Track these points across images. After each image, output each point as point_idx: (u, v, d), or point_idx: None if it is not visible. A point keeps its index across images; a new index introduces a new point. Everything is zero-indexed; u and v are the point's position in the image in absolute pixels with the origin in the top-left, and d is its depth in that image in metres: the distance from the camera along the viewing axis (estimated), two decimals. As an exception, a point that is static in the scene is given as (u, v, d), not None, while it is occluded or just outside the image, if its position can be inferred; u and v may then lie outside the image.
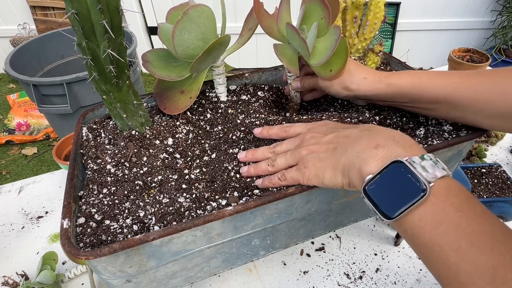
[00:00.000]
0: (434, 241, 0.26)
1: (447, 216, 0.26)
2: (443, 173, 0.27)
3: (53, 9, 2.28)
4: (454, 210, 0.26)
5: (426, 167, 0.28)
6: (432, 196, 0.27)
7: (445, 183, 0.27)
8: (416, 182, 0.27)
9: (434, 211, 0.26)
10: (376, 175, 0.29)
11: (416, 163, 0.28)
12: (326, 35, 0.46)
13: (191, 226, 0.34)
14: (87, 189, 0.41)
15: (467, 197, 0.27)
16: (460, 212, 0.26)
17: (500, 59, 2.06)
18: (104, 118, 0.51)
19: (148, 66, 0.48)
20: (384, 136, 0.32)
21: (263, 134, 0.45)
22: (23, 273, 0.55)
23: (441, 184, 0.27)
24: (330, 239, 0.64)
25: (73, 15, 0.34)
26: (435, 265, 0.26)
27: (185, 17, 0.41)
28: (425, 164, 0.28)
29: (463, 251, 0.24)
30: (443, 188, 0.27)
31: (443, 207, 0.26)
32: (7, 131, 1.89)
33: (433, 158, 0.29)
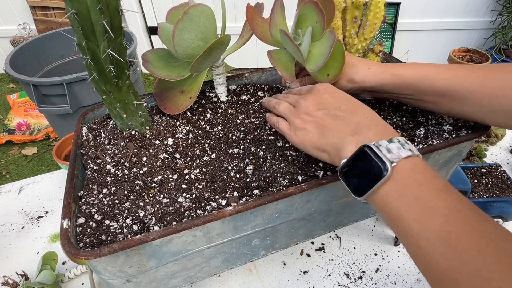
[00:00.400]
0: (399, 213, 0.29)
1: (410, 191, 0.29)
2: (408, 153, 0.30)
3: (53, 9, 2.28)
4: (416, 185, 0.29)
5: (391, 149, 0.31)
6: (396, 174, 0.30)
7: (410, 162, 0.30)
8: (380, 162, 0.30)
9: (398, 187, 0.29)
10: (349, 159, 0.33)
11: (382, 146, 0.31)
12: (321, 40, 0.46)
13: (191, 226, 0.34)
14: (87, 189, 0.41)
15: (431, 174, 0.30)
16: (422, 187, 0.29)
17: (500, 59, 2.06)
18: (104, 118, 0.51)
19: (148, 66, 0.48)
20: (362, 123, 0.36)
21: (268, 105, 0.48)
22: (23, 273, 0.55)
23: (405, 163, 0.30)
24: (330, 239, 0.64)
25: (73, 15, 0.34)
26: (403, 236, 0.29)
27: (185, 17, 0.41)
28: (391, 146, 0.31)
29: (423, 220, 0.27)
30: (407, 166, 0.30)
31: (406, 183, 0.29)
32: (7, 131, 1.89)
33: (401, 141, 0.32)
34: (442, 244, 0.26)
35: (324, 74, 0.47)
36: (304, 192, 0.38)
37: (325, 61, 0.43)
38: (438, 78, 0.42)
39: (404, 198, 0.29)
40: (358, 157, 0.32)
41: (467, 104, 0.41)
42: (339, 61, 0.45)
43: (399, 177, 0.30)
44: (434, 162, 0.46)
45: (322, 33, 0.45)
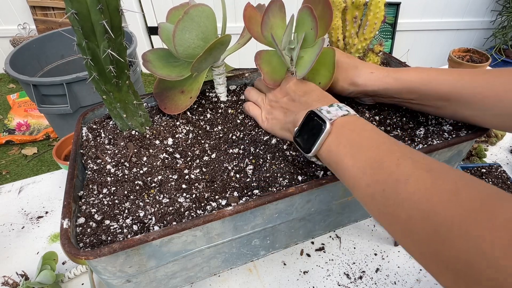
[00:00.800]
0: (338, 158, 0.34)
1: (344, 137, 0.34)
2: (345, 112, 0.36)
3: (53, 9, 2.28)
4: (349, 132, 0.34)
5: (330, 111, 0.36)
6: (334, 128, 0.35)
7: (346, 118, 0.36)
8: (321, 121, 0.35)
9: (335, 137, 0.35)
10: (299, 125, 0.39)
11: (323, 110, 0.37)
12: (314, 47, 0.45)
13: (191, 226, 0.34)
14: (87, 189, 0.41)
15: (362, 122, 0.36)
16: (354, 132, 0.34)
17: (500, 59, 2.06)
18: (104, 118, 0.51)
19: (149, 65, 0.48)
20: (312, 99, 0.41)
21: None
22: (23, 273, 0.55)
23: (342, 120, 0.35)
24: (330, 239, 0.64)
25: (73, 15, 0.34)
26: (343, 176, 0.34)
27: (186, 17, 0.41)
28: (330, 109, 0.37)
29: (355, 155, 0.33)
30: (342, 121, 0.35)
31: (341, 132, 0.35)
32: (7, 131, 1.89)
33: (340, 105, 0.37)
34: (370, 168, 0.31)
35: (315, 82, 0.47)
36: (304, 192, 0.38)
37: (310, 67, 0.43)
38: (442, 82, 0.42)
39: (340, 143, 0.34)
40: (305, 122, 0.38)
41: (471, 109, 0.41)
42: (330, 70, 0.45)
43: (336, 129, 0.35)
44: (434, 162, 0.46)
45: (315, 40, 0.45)
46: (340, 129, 0.35)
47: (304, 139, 0.38)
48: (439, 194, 0.26)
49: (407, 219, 0.27)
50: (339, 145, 0.34)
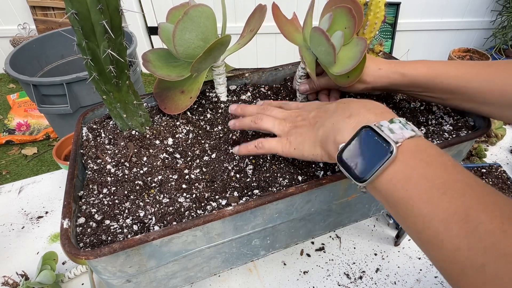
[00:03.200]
0: (406, 196, 0.26)
1: (416, 171, 0.27)
2: (412, 133, 0.29)
3: (53, 9, 2.28)
4: (423, 165, 0.27)
5: (393, 129, 0.29)
6: (401, 155, 0.28)
7: (414, 142, 0.28)
8: (384, 143, 0.28)
9: (403, 168, 0.27)
10: (348, 142, 0.30)
11: (384, 127, 0.29)
12: (349, 45, 0.46)
13: (191, 226, 0.34)
14: (87, 189, 0.41)
15: (437, 152, 0.28)
16: (430, 166, 0.27)
17: (500, 59, 2.06)
18: (104, 118, 0.51)
19: (149, 65, 0.48)
20: (357, 106, 0.33)
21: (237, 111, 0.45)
22: (23, 273, 0.55)
23: (410, 143, 0.28)
24: (330, 239, 0.64)
25: (73, 15, 0.34)
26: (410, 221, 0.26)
27: (185, 17, 0.41)
28: (393, 127, 0.29)
29: (435, 200, 0.25)
30: (412, 147, 0.28)
31: (412, 163, 0.27)
32: (7, 131, 1.89)
33: (402, 121, 0.30)
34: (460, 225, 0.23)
35: (344, 77, 0.47)
36: (304, 192, 0.38)
37: (354, 65, 0.43)
38: (448, 77, 0.43)
39: (411, 179, 0.27)
40: (358, 139, 0.30)
41: (477, 101, 0.42)
42: (361, 65, 0.46)
43: (404, 157, 0.28)
44: (434, 162, 0.46)
45: (350, 39, 0.46)
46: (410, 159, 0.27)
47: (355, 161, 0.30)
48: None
49: None
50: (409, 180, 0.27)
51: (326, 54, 0.44)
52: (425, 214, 0.25)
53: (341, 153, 0.31)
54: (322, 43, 0.43)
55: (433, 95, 0.45)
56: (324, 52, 0.44)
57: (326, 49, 0.43)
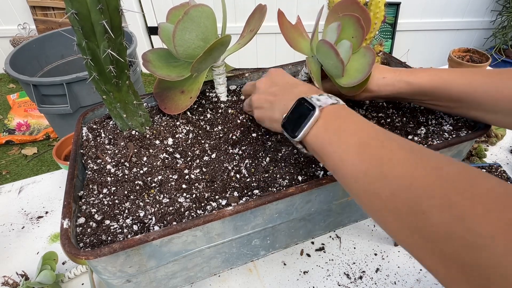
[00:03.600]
0: (324, 141, 0.34)
1: (332, 123, 0.35)
2: (334, 101, 0.37)
3: (53, 9, 2.28)
4: (337, 119, 0.35)
5: (320, 99, 0.37)
6: (323, 114, 0.35)
7: (334, 106, 0.36)
8: (310, 107, 0.36)
9: (323, 123, 0.35)
10: (288, 111, 0.38)
11: (314, 97, 0.37)
12: (356, 55, 0.46)
13: (191, 226, 0.34)
14: (87, 189, 0.41)
15: (350, 111, 0.36)
16: (341, 119, 0.35)
17: (500, 59, 2.06)
18: (104, 118, 0.51)
19: (149, 65, 0.48)
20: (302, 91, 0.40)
21: None
22: (23, 273, 0.55)
23: (331, 107, 0.36)
24: (330, 239, 0.64)
25: (73, 15, 0.34)
26: (328, 160, 0.34)
27: (186, 17, 0.41)
28: (320, 97, 0.37)
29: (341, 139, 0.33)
30: (331, 109, 0.36)
31: (330, 119, 0.35)
32: (7, 131, 1.89)
33: (330, 95, 0.38)
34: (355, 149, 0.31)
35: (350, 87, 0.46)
36: (304, 192, 0.38)
37: (363, 78, 0.43)
38: (454, 85, 0.42)
39: (328, 129, 0.34)
40: (295, 108, 0.38)
41: (483, 110, 0.42)
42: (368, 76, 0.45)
43: (324, 116, 0.35)
44: (434, 162, 0.46)
45: (357, 48, 0.45)
46: (329, 116, 0.35)
47: (292, 124, 0.38)
48: (421, 169, 0.26)
49: (389, 195, 0.27)
50: (327, 131, 0.35)
51: (335, 67, 0.44)
52: (335, 150, 0.33)
53: (283, 120, 0.39)
54: (330, 57, 0.43)
55: (440, 103, 0.45)
56: (332, 66, 0.44)
57: (334, 63, 0.43)
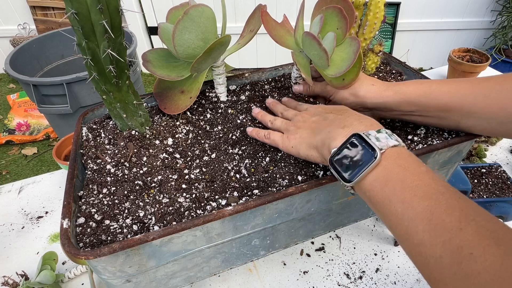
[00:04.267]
0: (384, 196, 0.30)
1: (395, 175, 0.30)
2: (395, 143, 0.32)
3: (53, 9, 2.28)
4: (401, 170, 0.30)
5: (379, 138, 0.32)
6: (384, 160, 0.31)
7: (396, 150, 0.32)
8: (370, 149, 0.32)
9: (384, 172, 0.31)
10: (339, 147, 0.34)
11: (372, 135, 0.33)
12: (342, 46, 0.46)
13: (191, 226, 0.34)
14: (87, 189, 0.41)
15: (415, 160, 0.32)
16: (406, 171, 0.30)
17: (500, 59, 2.06)
18: (104, 118, 0.51)
19: (149, 65, 0.48)
20: (351, 119, 0.37)
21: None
22: (23, 273, 0.55)
23: (392, 151, 0.32)
24: (330, 239, 0.64)
25: (73, 15, 0.34)
26: (387, 218, 0.30)
27: (185, 17, 0.41)
28: (379, 136, 0.33)
29: (407, 200, 0.28)
30: (393, 154, 0.32)
31: (392, 167, 0.31)
32: (7, 131, 1.89)
33: (388, 132, 0.34)
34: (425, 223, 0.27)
35: (339, 79, 0.47)
36: (304, 192, 0.38)
37: (349, 67, 0.43)
38: (441, 92, 0.41)
39: (389, 181, 0.30)
40: (348, 145, 0.33)
41: (474, 118, 0.40)
42: (356, 66, 0.45)
43: (386, 163, 0.31)
44: (434, 162, 0.46)
45: (342, 39, 0.45)
46: (391, 164, 0.31)
47: (344, 165, 0.33)
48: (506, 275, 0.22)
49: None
50: (388, 182, 0.30)
51: (319, 58, 0.44)
52: (398, 212, 0.29)
53: (333, 156, 0.34)
54: (314, 47, 0.43)
55: (429, 114, 0.43)
56: (317, 56, 0.44)
57: (318, 53, 0.43)
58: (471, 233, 0.24)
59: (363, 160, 0.32)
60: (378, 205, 0.31)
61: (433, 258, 0.25)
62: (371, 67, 0.56)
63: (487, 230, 0.24)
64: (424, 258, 0.26)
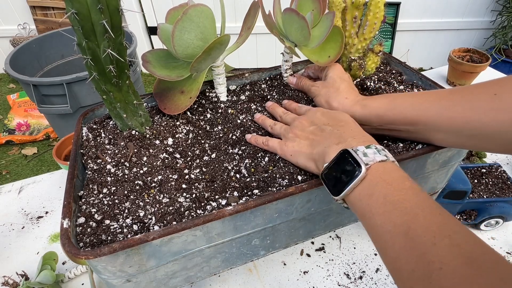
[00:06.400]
0: (367, 209, 0.31)
1: (378, 189, 0.31)
2: (383, 158, 0.33)
3: (53, 9, 2.28)
4: (385, 184, 0.31)
5: (367, 154, 0.33)
6: (369, 175, 0.32)
7: (382, 165, 0.33)
8: (356, 164, 0.32)
9: (368, 186, 0.32)
10: (329, 162, 0.35)
11: (360, 151, 0.33)
12: (319, 24, 0.49)
13: (191, 225, 0.34)
14: (87, 189, 0.41)
15: (399, 175, 0.32)
16: (390, 186, 0.31)
17: (500, 59, 2.06)
18: (104, 118, 0.51)
19: (148, 66, 0.48)
20: (347, 135, 0.38)
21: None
22: (23, 273, 0.55)
23: (379, 166, 0.32)
24: (330, 239, 0.64)
25: (73, 15, 0.34)
26: (370, 230, 0.31)
27: (184, 17, 0.41)
28: (367, 151, 0.33)
29: (387, 214, 0.29)
30: (379, 169, 0.32)
31: (376, 182, 0.32)
32: (7, 131, 1.89)
33: (378, 148, 0.34)
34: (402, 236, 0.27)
35: (325, 57, 0.50)
36: (304, 192, 0.38)
37: (327, 34, 0.46)
38: (405, 106, 0.40)
39: (373, 195, 0.31)
40: (338, 161, 0.34)
41: (441, 131, 0.39)
42: (338, 40, 0.49)
43: (371, 177, 0.32)
44: (434, 162, 0.46)
45: (319, 19, 0.49)
46: (375, 178, 0.32)
47: (333, 179, 0.34)
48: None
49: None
50: (371, 196, 0.31)
51: (301, 29, 0.46)
52: (377, 225, 0.30)
53: (324, 171, 0.36)
54: (294, 20, 0.46)
55: (398, 128, 0.42)
56: (299, 29, 0.47)
57: (299, 24, 0.46)
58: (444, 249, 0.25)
59: (349, 175, 0.33)
60: (363, 218, 0.32)
61: (406, 271, 0.26)
62: (371, 67, 0.56)
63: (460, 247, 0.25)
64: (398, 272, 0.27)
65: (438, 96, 0.39)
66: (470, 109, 0.35)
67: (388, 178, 0.32)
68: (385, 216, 0.29)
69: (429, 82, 0.53)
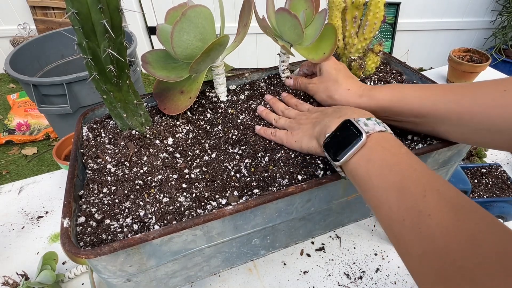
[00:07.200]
0: (366, 172, 0.33)
1: (377, 154, 0.33)
2: (382, 128, 0.35)
3: (53, 9, 2.28)
4: (383, 150, 0.33)
5: (368, 124, 0.35)
6: (369, 142, 0.34)
7: (381, 134, 0.35)
8: (357, 132, 0.34)
9: (368, 152, 0.34)
10: (332, 132, 0.37)
11: (361, 121, 0.36)
12: (312, 23, 0.50)
13: (191, 225, 0.34)
14: (87, 189, 0.41)
15: (397, 143, 0.34)
16: (387, 151, 0.33)
17: (500, 59, 2.06)
18: (104, 118, 0.51)
19: (148, 67, 0.48)
20: (347, 110, 0.40)
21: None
22: (23, 273, 0.55)
23: (378, 135, 0.35)
24: (330, 239, 0.64)
25: (73, 14, 0.34)
26: (366, 192, 0.33)
27: (183, 18, 0.41)
28: (368, 122, 0.36)
29: (383, 175, 0.32)
30: (378, 137, 0.34)
31: (375, 148, 0.34)
32: (7, 131, 1.89)
33: (378, 120, 0.36)
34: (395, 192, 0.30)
35: (320, 53, 0.51)
36: (304, 191, 0.38)
37: (320, 31, 0.47)
38: (413, 99, 0.41)
39: (371, 160, 0.33)
40: (339, 130, 0.37)
41: (447, 124, 0.39)
42: (332, 37, 0.50)
43: (370, 144, 0.34)
44: (434, 162, 0.46)
45: (312, 18, 0.50)
46: (374, 145, 0.34)
47: (335, 146, 0.36)
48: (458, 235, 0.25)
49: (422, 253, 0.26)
50: (370, 161, 0.33)
51: (294, 28, 0.47)
52: (374, 185, 0.32)
53: (325, 140, 0.38)
54: (287, 19, 0.47)
55: (404, 120, 0.43)
56: (292, 27, 0.48)
57: (292, 23, 0.46)
58: (433, 200, 0.28)
59: (351, 141, 0.34)
60: (360, 181, 0.34)
61: (398, 222, 0.29)
62: (371, 67, 0.56)
63: (447, 198, 0.28)
64: (390, 222, 0.30)
65: (446, 89, 0.40)
66: (477, 104, 0.36)
67: (386, 144, 0.34)
68: (381, 178, 0.32)
69: (429, 82, 0.53)
